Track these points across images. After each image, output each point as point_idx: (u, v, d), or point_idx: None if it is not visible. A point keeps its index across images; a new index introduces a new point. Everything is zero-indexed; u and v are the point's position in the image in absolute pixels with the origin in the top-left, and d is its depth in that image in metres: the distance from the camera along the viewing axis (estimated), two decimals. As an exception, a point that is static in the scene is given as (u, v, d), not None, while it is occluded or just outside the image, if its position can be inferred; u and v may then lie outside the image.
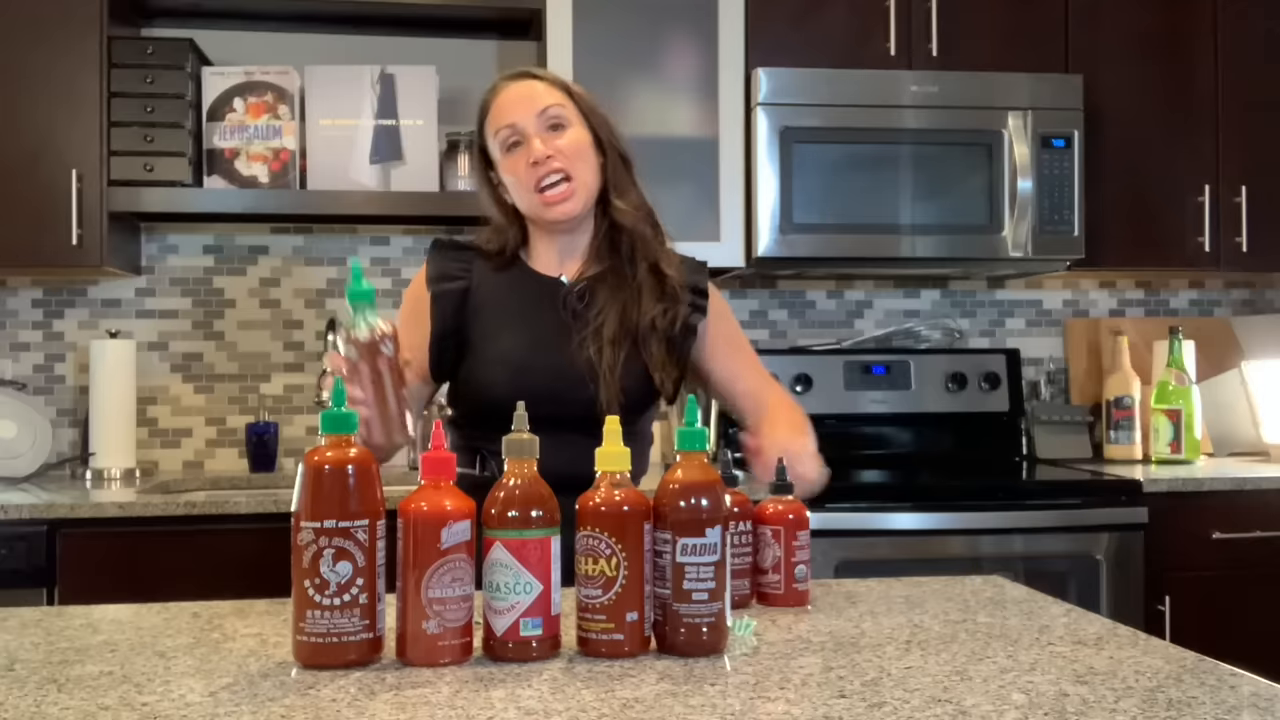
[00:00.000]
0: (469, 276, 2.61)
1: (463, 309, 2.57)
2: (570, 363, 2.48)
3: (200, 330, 4.60)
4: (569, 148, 2.51)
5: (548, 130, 2.52)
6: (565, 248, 2.62)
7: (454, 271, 2.61)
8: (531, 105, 2.53)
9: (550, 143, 2.51)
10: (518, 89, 2.57)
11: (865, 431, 4.77)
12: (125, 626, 1.92)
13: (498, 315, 2.57)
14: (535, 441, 1.73)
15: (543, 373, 2.47)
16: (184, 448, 4.59)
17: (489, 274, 2.62)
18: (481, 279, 2.61)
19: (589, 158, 2.54)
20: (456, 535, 1.65)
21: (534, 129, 2.52)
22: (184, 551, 3.62)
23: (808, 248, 4.28)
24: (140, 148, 4.11)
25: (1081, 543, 3.98)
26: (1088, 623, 1.92)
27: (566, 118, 2.53)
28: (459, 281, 2.60)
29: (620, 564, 1.69)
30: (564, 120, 2.53)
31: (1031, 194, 4.33)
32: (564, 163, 2.50)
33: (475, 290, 2.59)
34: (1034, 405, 4.88)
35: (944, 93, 4.32)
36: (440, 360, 2.56)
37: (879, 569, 3.74)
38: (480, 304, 2.58)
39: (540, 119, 2.52)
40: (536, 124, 2.52)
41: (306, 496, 1.64)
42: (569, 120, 2.54)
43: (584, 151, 2.53)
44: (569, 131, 2.53)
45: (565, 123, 2.53)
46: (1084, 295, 5.12)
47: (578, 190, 2.52)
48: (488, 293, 2.59)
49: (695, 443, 1.75)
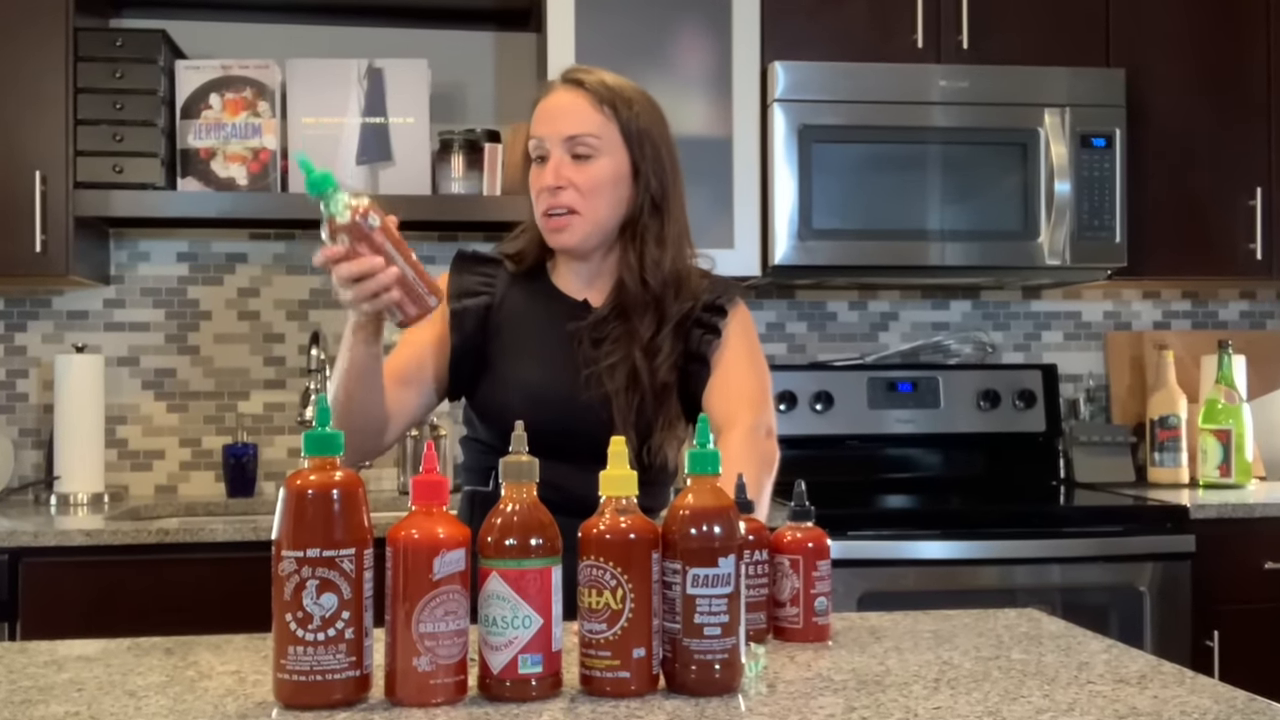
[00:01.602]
0: (492, 291, 2.65)
1: (484, 326, 2.62)
2: (585, 396, 2.51)
3: (173, 344, 4.60)
4: (586, 183, 2.53)
5: (571, 157, 2.54)
6: (591, 269, 2.65)
7: (476, 286, 2.65)
8: (563, 126, 2.55)
9: (566, 172, 2.54)
10: (559, 100, 2.59)
11: (890, 453, 4.77)
12: (93, 663, 1.92)
13: (518, 335, 2.61)
14: (535, 464, 1.72)
15: (559, 404, 2.50)
16: (156, 471, 4.59)
17: (513, 288, 2.66)
18: (505, 294, 2.65)
19: (609, 193, 2.56)
20: (450, 565, 1.65)
21: (558, 151, 2.55)
22: (156, 583, 3.62)
23: (828, 255, 4.28)
24: (109, 147, 4.12)
25: (1123, 573, 3.98)
26: (1130, 659, 1.92)
27: (597, 148, 2.54)
28: (481, 297, 2.64)
29: (626, 596, 1.68)
30: (592, 150, 2.54)
31: (1070, 197, 4.33)
32: (572, 199, 2.53)
33: (498, 307, 2.64)
34: (1072, 425, 4.87)
35: (975, 88, 4.33)
36: (459, 377, 2.61)
37: (905, 601, 3.74)
38: (502, 321, 2.62)
39: (566, 144, 2.54)
40: (562, 147, 2.54)
41: (288, 523, 1.64)
42: (599, 150, 2.54)
43: (603, 187, 2.54)
44: (594, 164, 2.54)
45: (593, 153, 2.54)
46: (1126, 306, 5.12)
47: (578, 226, 2.55)
48: (510, 309, 2.64)
49: (707, 466, 1.75)
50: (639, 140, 2.57)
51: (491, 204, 4.29)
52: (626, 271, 2.58)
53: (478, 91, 4.76)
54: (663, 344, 2.55)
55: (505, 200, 4.24)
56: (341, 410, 2.33)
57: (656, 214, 2.59)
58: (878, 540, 3.90)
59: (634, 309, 2.57)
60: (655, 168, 2.58)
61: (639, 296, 2.56)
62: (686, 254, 2.64)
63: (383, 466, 4.63)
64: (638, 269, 2.57)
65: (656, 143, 2.60)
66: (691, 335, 2.57)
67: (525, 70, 4.73)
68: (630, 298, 2.57)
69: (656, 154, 2.59)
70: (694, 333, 2.57)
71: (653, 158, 2.58)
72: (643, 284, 2.56)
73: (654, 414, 2.53)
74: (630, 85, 2.62)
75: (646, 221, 2.58)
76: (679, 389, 2.57)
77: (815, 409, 4.65)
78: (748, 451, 2.41)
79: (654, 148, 2.59)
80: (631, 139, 2.57)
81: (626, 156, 2.56)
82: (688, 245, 2.65)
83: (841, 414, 4.69)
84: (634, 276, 2.57)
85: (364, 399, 2.39)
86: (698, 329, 2.58)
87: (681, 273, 2.60)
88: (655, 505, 2.53)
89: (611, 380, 2.51)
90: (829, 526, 2.16)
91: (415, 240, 4.54)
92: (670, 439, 2.55)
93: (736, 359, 2.58)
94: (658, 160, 2.59)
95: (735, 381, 2.55)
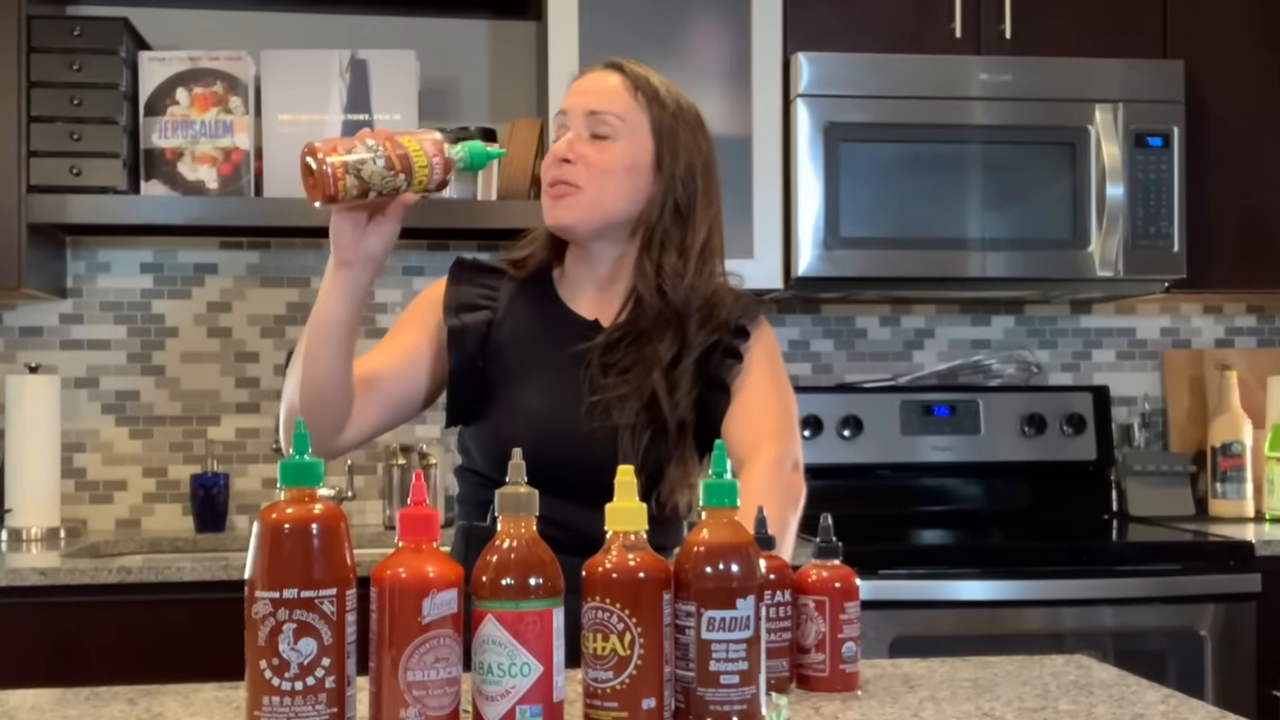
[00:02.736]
0: (494, 305, 2.66)
1: (484, 345, 2.62)
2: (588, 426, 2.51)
3: (137, 364, 4.61)
4: (598, 162, 2.56)
5: (589, 134, 2.57)
6: (600, 279, 2.65)
7: (476, 299, 2.66)
8: (588, 101, 2.60)
9: (580, 147, 2.56)
10: (591, 79, 2.65)
11: (925, 484, 4.77)
12: (47, 715, 1.92)
13: (523, 356, 2.61)
14: (534, 496, 1.73)
15: (564, 434, 2.51)
16: (117, 503, 4.59)
17: (517, 302, 2.67)
18: (508, 308, 2.66)
19: (621, 178, 2.57)
20: (441, 607, 1.66)
21: (578, 125, 2.59)
22: (117, 626, 3.62)
23: (857, 266, 4.29)
24: (65, 147, 4.12)
25: (1182, 616, 3.97)
26: (1190, 710, 1.92)
27: (618, 130, 2.57)
28: (481, 312, 2.64)
29: (635, 641, 1.69)
30: (613, 131, 2.57)
31: (1123, 202, 4.34)
32: (579, 174, 2.56)
33: (500, 323, 2.64)
34: (1126, 453, 4.87)
35: (1019, 82, 4.33)
36: (458, 402, 2.62)
37: (942, 647, 3.73)
38: (505, 339, 2.62)
39: (588, 120, 2.58)
40: (584, 123, 2.58)
41: (263, 561, 1.65)
42: (620, 133, 2.57)
43: (615, 171, 2.56)
44: (611, 146, 2.57)
45: (613, 134, 2.57)
46: (1185, 322, 5.12)
47: (578, 202, 2.56)
48: (514, 326, 2.64)
49: (724, 497, 1.76)
50: (668, 137, 2.59)
51: (487, 210, 4.29)
52: (641, 280, 2.58)
53: (471, 86, 4.76)
54: (683, 376, 2.53)
55: (502, 206, 4.24)
56: (301, 377, 2.39)
57: (680, 221, 2.59)
58: (911, 580, 3.90)
59: (652, 329, 2.55)
60: (685, 176, 2.59)
61: (658, 313, 2.55)
62: (717, 272, 2.63)
63: (367, 499, 4.64)
64: (653, 277, 2.56)
65: (690, 152, 2.61)
66: (711, 358, 2.56)
67: (523, 62, 4.73)
68: (647, 315, 2.56)
69: (689, 165, 2.60)
70: (713, 355, 2.57)
71: (684, 169, 2.59)
72: (660, 295, 2.55)
73: (666, 455, 2.52)
74: (680, 95, 2.66)
75: (667, 227, 2.58)
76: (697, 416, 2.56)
77: (843, 435, 4.65)
78: (771, 485, 2.39)
79: (687, 157, 2.60)
80: (661, 135, 2.59)
81: (650, 147, 2.58)
82: (718, 262, 2.64)
83: (871, 441, 4.69)
84: (649, 286, 2.56)
85: (329, 366, 2.40)
86: (717, 351, 2.57)
87: (710, 297, 2.59)
88: (667, 543, 2.49)
89: (621, 413, 2.49)
90: (858, 564, 2.16)
91: (402, 250, 4.58)
92: (683, 485, 2.53)
93: (760, 384, 2.57)
94: (689, 171, 2.60)
95: (758, 409, 2.54)
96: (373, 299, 4.60)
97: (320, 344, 2.39)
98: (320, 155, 2.20)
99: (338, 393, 2.45)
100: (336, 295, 2.36)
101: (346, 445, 2.56)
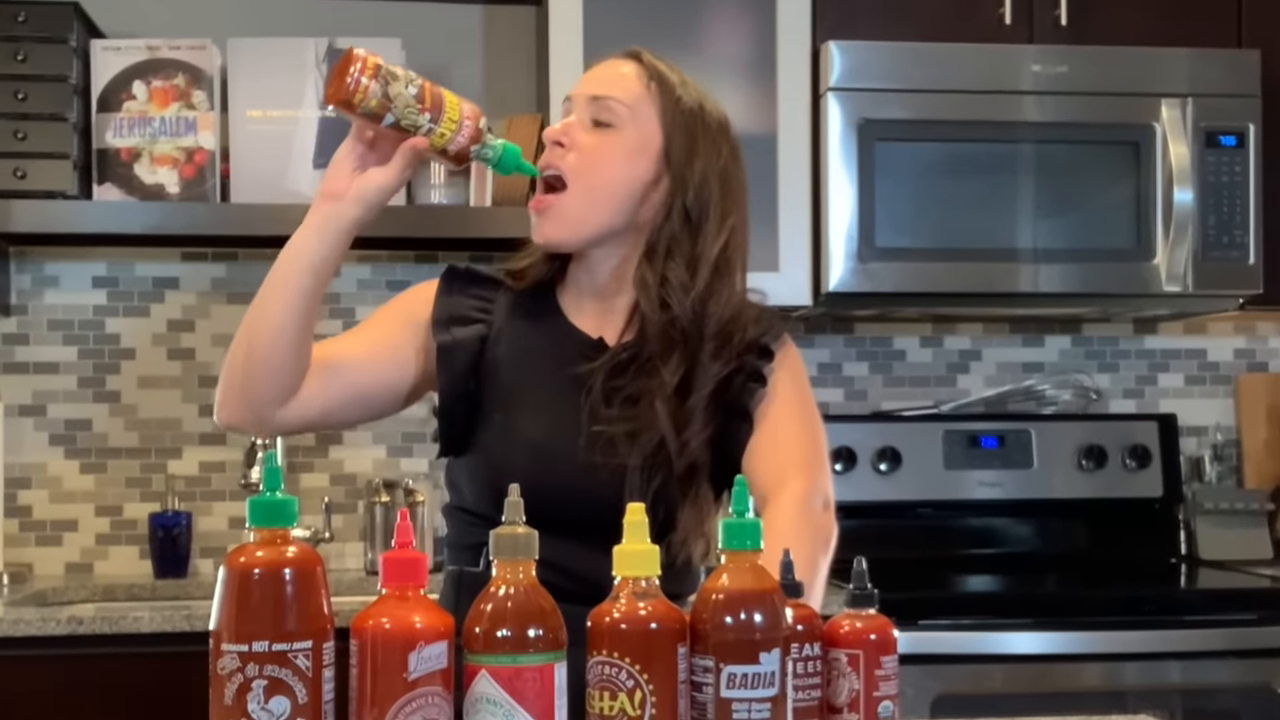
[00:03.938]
0: (488, 319, 2.64)
1: (477, 364, 2.60)
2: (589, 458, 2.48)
3: (88, 389, 4.61)
4: (592, 149, 2.54)
5: (590, 121, 2.57)
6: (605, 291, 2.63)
7: (469, 312, 2.64)
8: (594, 86, 2.61)
9: (577, 133, 2.56)
10: (604, 65, 2.66)
11: (971, 524, 4.77)
12: (-11, 782, 1.93)
13: (521, 378, 2.59)
14: (533, 537, 1.72)
15: (569, 471, 2.48)
16: (67, 545, 4.59)
17: (514, 317, 2.64)
18: (504, 323, 2.64)
19: (618, 166, 2.55)
20: (429, 661, 1.66)
21: (580, 111, 2.59)
22: (67, 682, 3.63)
23: (894, 280, 4.29)
24: (9, 147, 4.13)
25: (1257, 671, 3.97)
26: (1270, 779, 1.92)
27: (622, 117, 2.56)
28: (475, 326, 2.62)
29: (646, 700, 1.69)
30: (615, 120, 2.56)
31: (1192, 208, 4.34)
32: (570, 162, 2.54)
33: (495, 338, 2.62)
34: (1195, 489, 4.87)
35: (1076, 74, 4.34)
36: (450, 429, 2.60)
37: (990, 706, 3.74)
38: (501, 357, 2.60)
39: (591, 105, 2.58)
40: (587, 109, 2.58)
41: (230, 610, 1.64)
42: (623, 121, 2.56)
43: (612, 158, 2.55)
44: (611, 134, 2.56)
45: (615, 123, 2.56)
46: (1262, 343, 5.11)
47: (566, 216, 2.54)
48: (511, 343, 2.62)
49: (746, 539, 1.75)
50: (680, 133, 2.57)
51: (480, 217, 4.29)
52: (642, 291, 2.55)
53: (463, 78, 4.74)
54: (695, 411, 2.49)
55: (498, 213, 4.25)
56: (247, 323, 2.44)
57: (689, 229, 2.56)
58: (956, 631, 3.90)
59: (657, 349, 2.52)
60: (697, 180, 2.56)
61: (662, 331, 2.52)
62: (736, 290, 2.60)
63: (346, 540, 4.63)
64: (656, 288, 2.53)
65: (707, 155, 2.58)
66: (732, 383, 2.54)
67: (521, 52, 4.74)
68: (651, 333, 2.54)
69: (704, 169, 2.57)
70: (734, 379, 2.54)
71: (698, 172, 2.57)
72: (663, 309, 2.52)
73: (677, 500, 2.49)
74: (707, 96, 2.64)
75: (675, 234, 2.55)
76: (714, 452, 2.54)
77: (879, 469, 4.65)
78: (799, 525, 2.36)
79: (702, 160, 2.58)
80: (672, 129, 2.57)
81: (658, 142, 2.56)
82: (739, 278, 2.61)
83: (911, 476, 4.69)
84: (651, 298, 2.53)
85: (282, 316, 2.40)
86: (739, 376, 2.54)
87: (727, 322, 2.55)
88: (682, 590, 2.48)
89: (627, 452, 2.47)
90: (896, 614, 2.15)
91: (385, 262, 4.58)
92: (696, 533, 2.50)
93: (785, 412, 2.54)
94: (703, 175, 2.57)
95: (784, 440, 2.52)
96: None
97: (278, 285, 2.39)
98: (361, 52, 2.33)
99: (286, 351, 2.42)
100: (312, 228, 2.37)
101: (287, 424, 2.52)
